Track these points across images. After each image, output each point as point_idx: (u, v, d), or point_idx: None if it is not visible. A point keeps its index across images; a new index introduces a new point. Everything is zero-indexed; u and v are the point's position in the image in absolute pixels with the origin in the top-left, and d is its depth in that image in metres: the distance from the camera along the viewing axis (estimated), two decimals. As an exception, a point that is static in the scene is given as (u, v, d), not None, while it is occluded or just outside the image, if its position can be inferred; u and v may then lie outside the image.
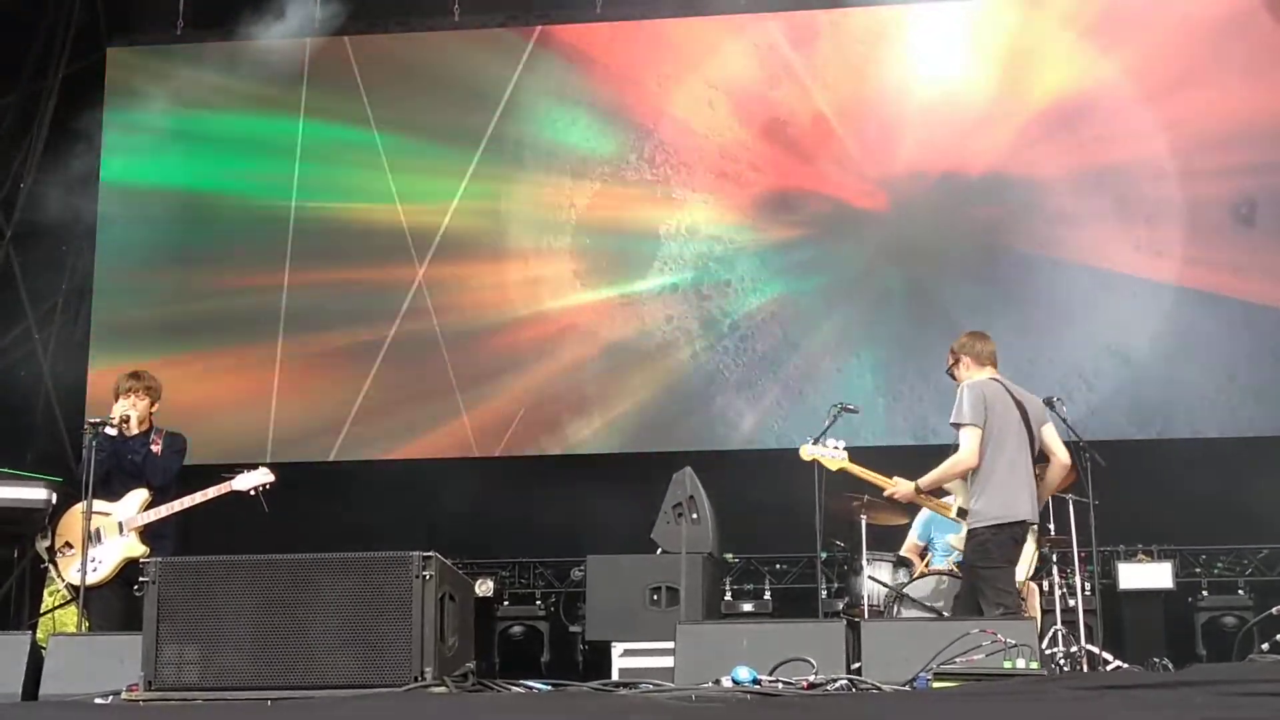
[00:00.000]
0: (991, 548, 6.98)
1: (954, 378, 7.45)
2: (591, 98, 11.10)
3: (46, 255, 11.40)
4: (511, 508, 10.59)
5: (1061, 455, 7.26)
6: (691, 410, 10.68)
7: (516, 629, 10.10)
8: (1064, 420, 7.80)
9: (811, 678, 5.55)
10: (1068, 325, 10.22)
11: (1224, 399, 10.14)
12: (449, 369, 10.84)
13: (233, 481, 7.58)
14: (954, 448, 7.21)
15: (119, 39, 11.61)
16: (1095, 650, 7.93)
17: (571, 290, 10.93)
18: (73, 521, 7.51)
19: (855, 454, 7.86)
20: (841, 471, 7.80)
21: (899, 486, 7.45)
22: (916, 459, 8.53)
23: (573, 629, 10.03)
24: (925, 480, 7.30)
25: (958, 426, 7.12)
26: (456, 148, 11.13)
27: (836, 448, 7.71)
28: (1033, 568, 7.60)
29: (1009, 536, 6.98)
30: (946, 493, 7.60)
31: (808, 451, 7.77)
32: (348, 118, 11.25)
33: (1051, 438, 7.27)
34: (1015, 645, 5.63)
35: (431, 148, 11.19)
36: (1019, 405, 7.13)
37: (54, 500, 7.73)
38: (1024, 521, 7.02)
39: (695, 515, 8.25)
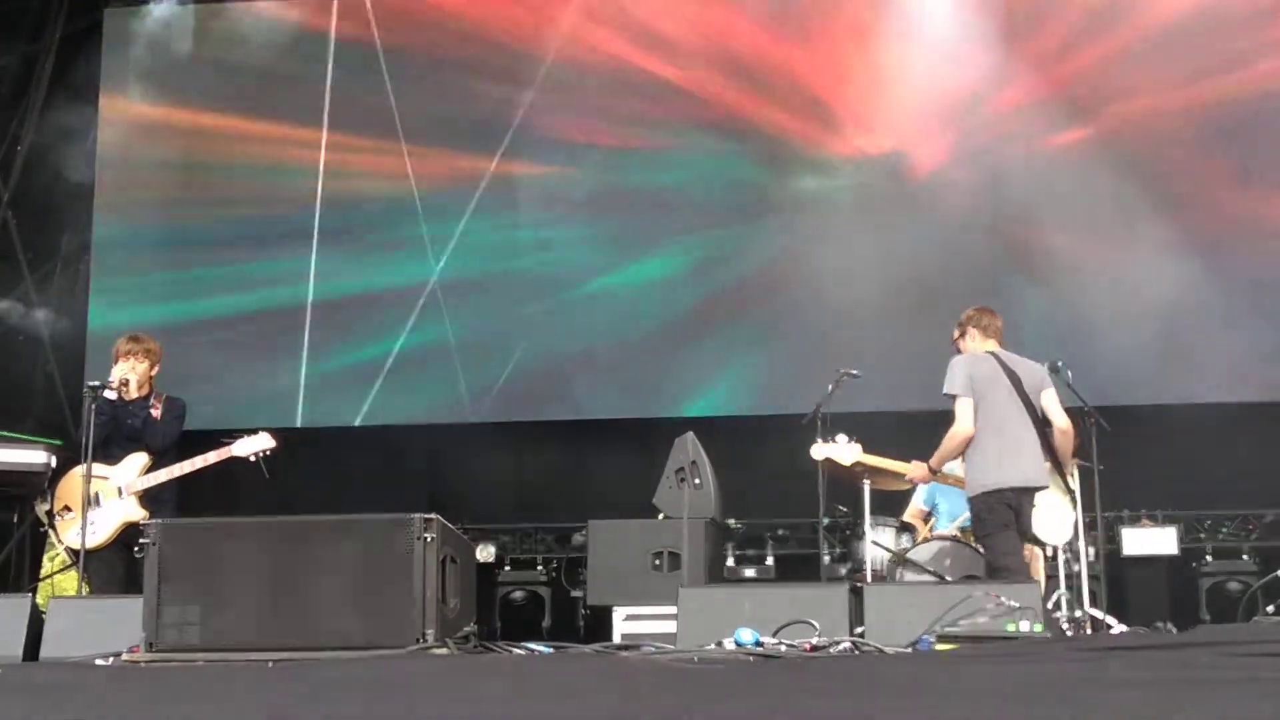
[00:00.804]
0: (983, 515, 7.16)
1: (958, 349, 7.53)
2: (607, 64, 10.98)
3: (44, 218, 11.35)
4: (513, 473, 10.59)
5: (1058, 421, 7.31)
6: (693, 374, 10.63)
7: (518, 594, 10.11)
8: (1069, 384, 7.80)
9: (814, 640, 5.54)
10: (1074, 290, 10.17)
11: (1229, 363, 10.09)
12: (450, 333, 10.81)
13: (232, 447, 7.52)
14: (949, 416, 7.29)
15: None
16: (1099, 615, 7.92)
17: (580, 255, 10.87)
18: (72, 485, 7.48)
19: (863, 419, 7.86)
20: (858, 465, 7.82)
21: (915, 470, 7.57)
22: (927, 424, 8.51)
23: (574, 594, 10.04)
24: (935, 459, 7.41)
25: (952, 399, 7.25)
26: (476, 109, 11.05)
27: (849, 441, 7.75)
28: (1069, 530, 7.63)
29: (999, 502, 7.08)
30: None
31: (818, 451, 7.83)
32: (362, 83, 11.13)
33: (1049, 403, 7.32)
34: (1018, 608, 5.61)
35: (451, 109, 11.08)
36: (1011, 375, 7.22)
37: (54, 464, 7.71)
38: (1011, 488, 7.08)
39: (698, 480, 8.22)
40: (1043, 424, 7.25)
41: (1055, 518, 7.50)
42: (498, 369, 10.73)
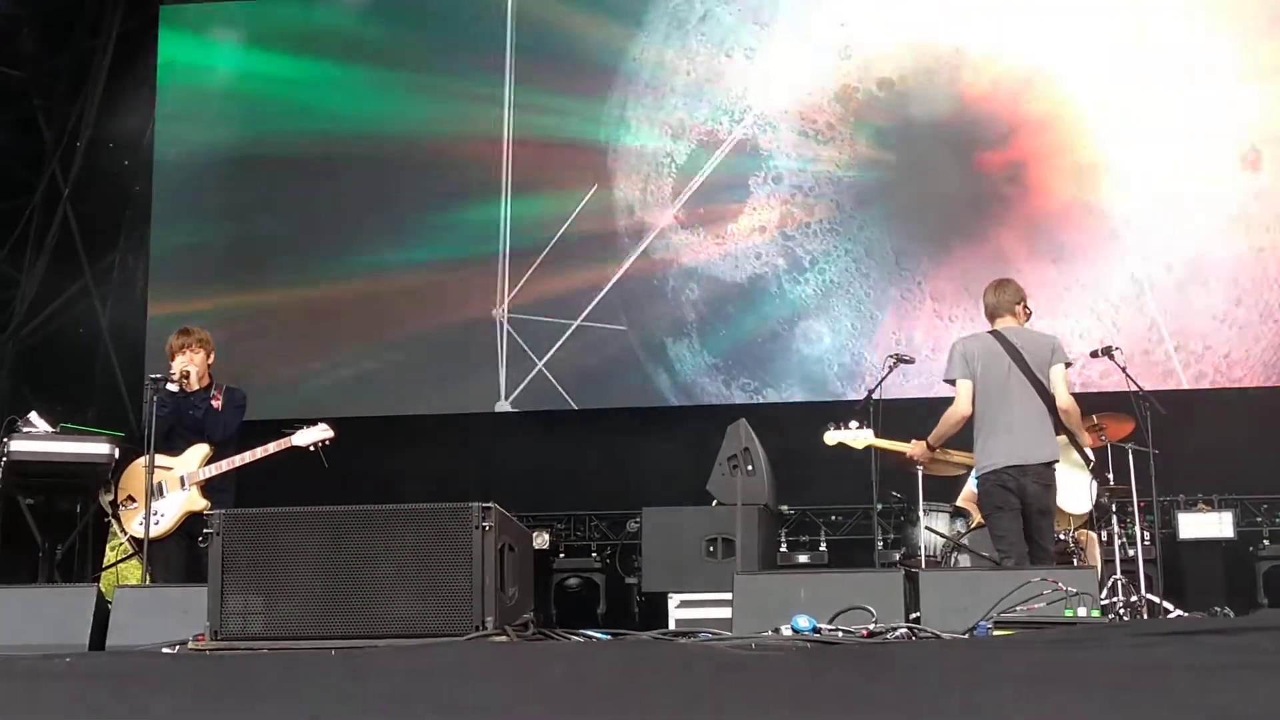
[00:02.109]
0: (982, 496, 7.27)
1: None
2: (690, 61, 11.01)
3: (103, 212, 11.49)
4: (566, 461, 10.62)
5: (1059, 400, 7.20)
6: (746, 363, 10.63)
7: (573, 581, 10.16)
8: (1123, 369, 7.78)
9: (871, 626, 5.54)
10: (1136, 273, 10.10)
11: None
12: (504, 320, 10.88)
13: (292, 437, 7.60)
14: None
15: (172, -5, 11.67)
16: (1155, 600, 7.89)
17: (655, 251, 10.89)
18: (134, 476, 7.59)
19: (916, 405, 7.86)
20: (869, 449, 7.87)
21: (914, 448, 7.64)
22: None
23: (629, 580, 10.08)
24: (932, 436, 7.49)
25: (951, 384, 7.31)
26: (580, 88, 11.14)
27: (860, 427, 7.87)
28: (1086, 500, 7.67)
29: (995, 484, 7.10)
30: None
31: (830, 438, 7.91)
32: (420, 72, 11.26)
33: (1054, 381, 7.22)
34: (1076, 594, 5.60)
35: (555, 94, 11.18)
36: (1012, 350, 7.16)
37: (116, 455, 7.81)
38: (1010, 466, 7.06)
39: (750, 467, 8.22)
40: (1052, 398, 7.18)
41: (1070, 488, 7.55)
42: (553, 357, 10.76)
